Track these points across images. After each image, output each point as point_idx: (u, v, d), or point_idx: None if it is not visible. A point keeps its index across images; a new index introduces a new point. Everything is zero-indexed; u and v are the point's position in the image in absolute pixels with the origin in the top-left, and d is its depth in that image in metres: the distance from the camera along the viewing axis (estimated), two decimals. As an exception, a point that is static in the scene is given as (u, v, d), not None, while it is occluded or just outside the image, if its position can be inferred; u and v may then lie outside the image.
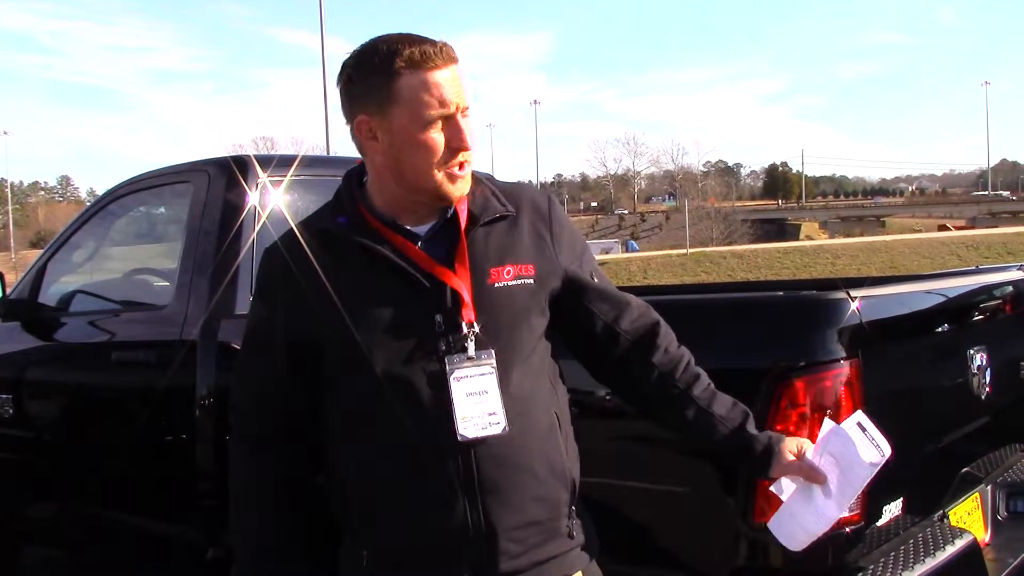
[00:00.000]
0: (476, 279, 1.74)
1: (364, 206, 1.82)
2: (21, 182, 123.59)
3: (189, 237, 3.25)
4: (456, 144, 1.72)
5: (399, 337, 1.73)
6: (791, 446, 1.81)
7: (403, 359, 1.72)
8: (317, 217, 1.88)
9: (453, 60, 1.73)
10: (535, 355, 1.80)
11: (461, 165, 1.74)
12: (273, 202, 3.24)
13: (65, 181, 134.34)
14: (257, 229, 3.15)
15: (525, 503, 1.73)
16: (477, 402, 1.70)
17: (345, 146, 1.85)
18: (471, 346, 1.71)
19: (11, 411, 3.79)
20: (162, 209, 4.06)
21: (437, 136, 1.72)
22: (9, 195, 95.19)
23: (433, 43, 1.72)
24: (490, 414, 1.71)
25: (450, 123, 1.72)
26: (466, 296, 1.72)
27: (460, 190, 1.76)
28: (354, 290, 1.75)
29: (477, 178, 1.85)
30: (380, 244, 1.75)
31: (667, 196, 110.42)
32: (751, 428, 1.83)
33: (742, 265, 37.15)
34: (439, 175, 1.74)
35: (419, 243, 1.78)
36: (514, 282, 1.77)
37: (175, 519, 3.22)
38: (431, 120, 1.71)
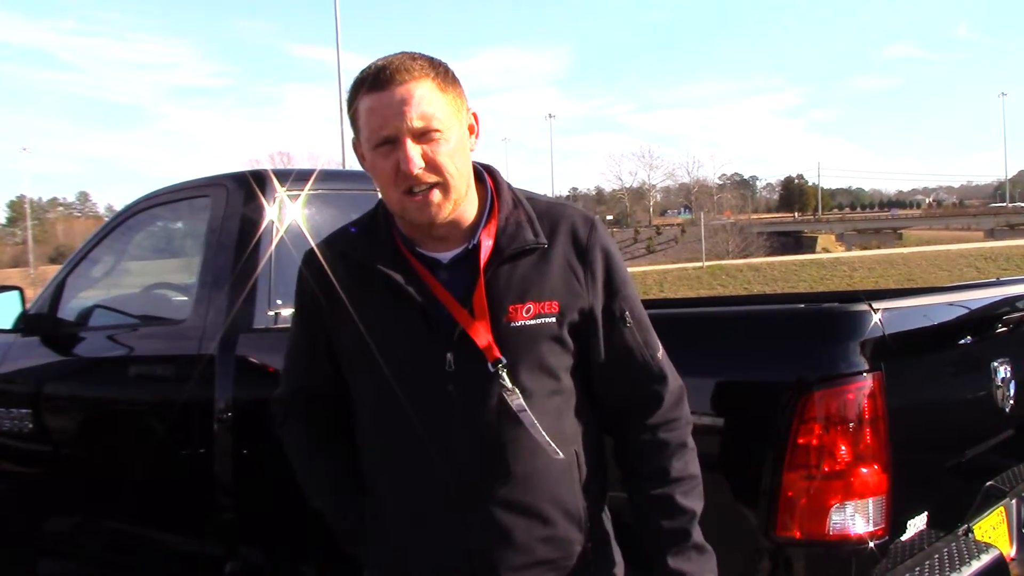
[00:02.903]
0: (492, 317, 1.68)
1: (395, 227, 1.78)
2: (40, 198, 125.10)
3: (207, 251, 3.27)
4: (400, 169, 1.65)
5: (408, 373, 1.71)
6: None
7: (410, 396, 1.70)
8: (340, 234, 1.85)
9: (407, 80, 1.64)
10: (558, 393, 1.73)
11: (410, 191, 1.66)
12: (291, 216, 3.25)
13: (84, 197, 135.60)
14: (275, 243, 3.16)
15: (532, 544, 1.70)
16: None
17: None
18: (507, 380, 1.66)
19: (30, 425, 3.81)
20: (180, 224, 4.08)
21: (383, 160, 1.67)
22: (28, 211, 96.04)
23: (391, 62, 1.66)
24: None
25: (394, 147, 1.65)
26: (484, 337, 1.66)
27: (426, 215, 1.68)
28: (371, 317, 1.73)
29: (515, 199, 1.78)
30: (400, 271, 1.71)
31: (683, 209, 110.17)
32: (672, 561, 1.73)
33: (758, 278, 36.99)
34: (395, 200, 1.69)
35: (441, 272, 1.73)
36: (533, 321, 1.68)
37: (193, 533, 3.22)
38: (376, 143, 1.67)
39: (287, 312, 3.10)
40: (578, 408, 1.77)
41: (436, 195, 1.67)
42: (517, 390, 1.66)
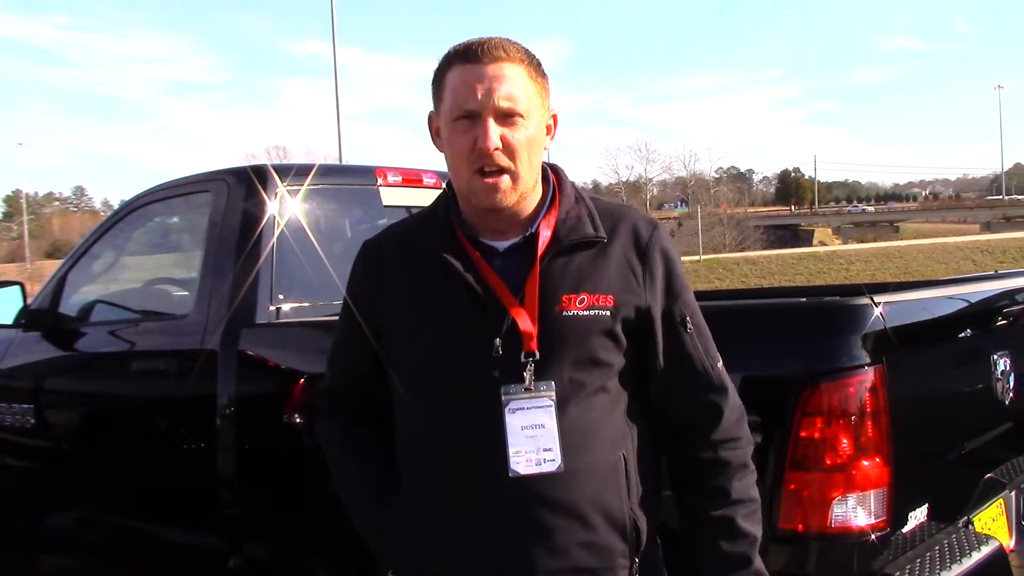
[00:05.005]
0: (545, 306, 1.64)
1: (455, 215, 1.76)
2: (36, 193, 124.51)
3: (209, 246, 3.27)
4: (477, 145, 1.62)
5: (455, 358, 1.67)
6: None
7: (456, 381, 1.66)
8: (399, 222, 1.85)
9: (502, 59, 1.63)
10: (605, 391, 1.68)
11: (482, 170, 1.63)
12: (291, 211, 3.25)
13: (80, 191, 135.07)
14: (276, 238, 3.16)
15: (571, 548, 1.62)
16: (531, 436, 1.61)
17: (355, 156, 1.80)
18: (528, 376, 1.61)
19: (32, 420, 3.81)
20: (181, 219, 4.08)
21: (460, 135, 1.64)
22: (24, 206, 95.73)
23: (488, 40, 1.66)
24: (545, 450, 1.61)
25: (475, 122, 1.63)
26: (527, 325, 1.62)
27: (491, 198, 1.65)
28: (424, 301, 1.70)
29: (578, 196, 1.76)
30: (457, 257, 1.68)
31: (679, 203, 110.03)
32: None
33: (755, 271, 36.97)
34: (465, 178, 1.67)
35: (496, 259, 1.71)
36: (586, 312, 1.64)
37: (196, 528, 3.22)
38: (457, 116, 1.64)
39: (288, 307, 3.11)
40: (629, 412, 1.72)
41: (505, 180, 1.65)
42: (551, 384, 1.63)
